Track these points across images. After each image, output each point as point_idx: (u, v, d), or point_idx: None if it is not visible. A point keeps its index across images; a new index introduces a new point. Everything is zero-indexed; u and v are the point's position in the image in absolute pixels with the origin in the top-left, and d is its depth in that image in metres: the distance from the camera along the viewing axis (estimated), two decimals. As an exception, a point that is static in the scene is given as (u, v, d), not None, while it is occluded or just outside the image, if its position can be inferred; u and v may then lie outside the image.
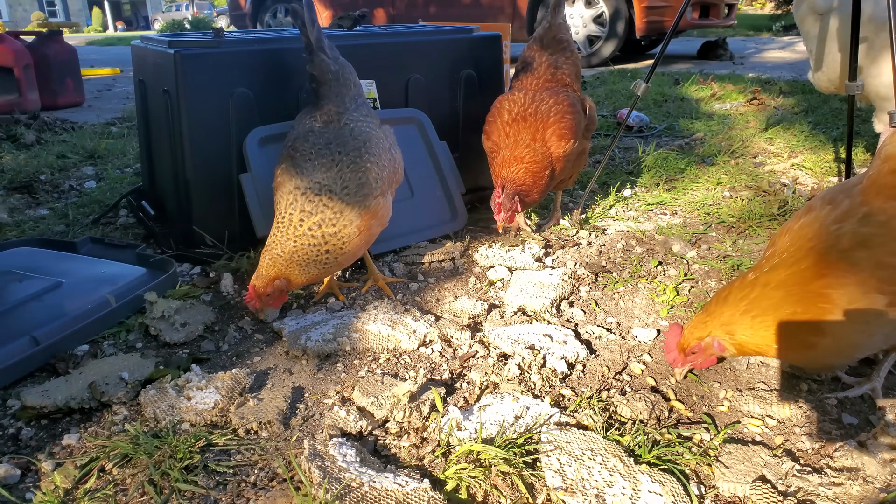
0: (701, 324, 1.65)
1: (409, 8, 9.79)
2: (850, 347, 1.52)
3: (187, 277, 2.51)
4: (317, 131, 2.14)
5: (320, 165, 2.04)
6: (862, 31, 2.88)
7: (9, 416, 1.69)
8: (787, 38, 12.89)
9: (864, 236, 1.46)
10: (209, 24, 24.01)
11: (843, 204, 1.53)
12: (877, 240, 1.45)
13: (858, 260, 1.45)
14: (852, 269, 1.45)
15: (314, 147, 2.08)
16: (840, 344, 1.50)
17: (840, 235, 1.48)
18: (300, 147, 2.10)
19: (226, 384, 1.75)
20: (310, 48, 2.25)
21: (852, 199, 1.53)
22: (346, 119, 2.18)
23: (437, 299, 2.32)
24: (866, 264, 1.44)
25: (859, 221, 1.48)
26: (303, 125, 2.19)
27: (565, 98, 2.66)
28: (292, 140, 2.15)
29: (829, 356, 1.55)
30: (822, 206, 1.57)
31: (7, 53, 5.88)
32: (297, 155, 2.08)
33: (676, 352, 1.69)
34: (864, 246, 1.46)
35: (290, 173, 2.05)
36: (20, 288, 2.24)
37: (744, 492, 1.39)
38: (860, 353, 1.57)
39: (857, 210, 1.50)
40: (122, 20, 50.42)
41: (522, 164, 2.55)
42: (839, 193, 1.58)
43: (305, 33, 2.26)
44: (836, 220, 1.51)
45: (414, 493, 1.35)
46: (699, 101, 5.81)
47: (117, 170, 4.07)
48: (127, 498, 1.40)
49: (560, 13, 2.87)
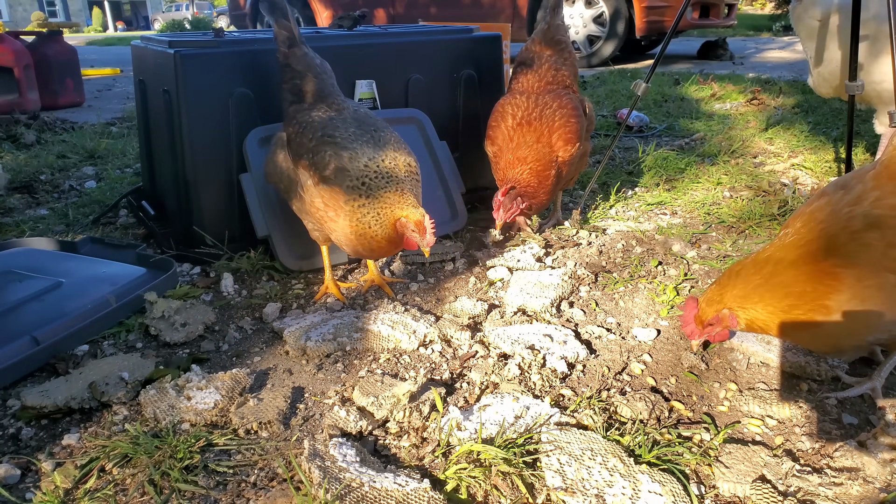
0: (717, 296, 1.66)
1: (409, 8, 9.79)
2: (858, 328, 1.53)
3: (187, 277, 2.51)
4: (338, 118, 2.12)
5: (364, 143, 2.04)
6: (862, 32, 2.88)
7: (9, 416, 1.69)
8: (787, 38, 12.89)
9: (875, 218, 1.49)
10: (209, 24, 24.00)
11: (856, 188, 1.56)
12: (889, 221, 1.48)
13: (870, 241, 1.48)
14: (863, 250, 1.48)
15: (347, 130, 2.07)
16: (848, 324, 1.51)
17: (852, 217, 1.51)
18: (336, 133, 2.06)
19: (226, 384, 1.75)
20: (292, 41, 2.23)
21: (864, 184, 1.56)
22: (353, 105, 2.20)
23: (438, 299, 2.32)
24: (878, 244, 1.47)
25: (871, 204, 1.51)
26: (311, 116, 2.14)
27: (569, 101, 2.66)
28: (321, 129, 2.08)
29: (837, 336, 1.56)
30: (836, 190, 1.60)
31: (7, 53, 5.88)
32: (337, 138, 2.04)
33: (694, 324, 1.70)
34: (875, 227, 1.48)
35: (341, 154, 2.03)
36: (20, 288, 2.24)
37: (744, 492, 1.39)
38: (869, 334, 1.57)
39: (870, 194, 1.53)
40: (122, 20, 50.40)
41: (526, 164, 2.54)
42: (852, 179, 1.61)
43: (289, 26, 2.23)
44: (848, 203, 1.54)
45: (414, 493, 1.35)
46: (699, 101, 5.81)
47: (117, 170, 4.07)
48: (127, 498, 1.40)
49: (559, 14, 2.86)
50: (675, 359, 1.92)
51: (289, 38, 2.23)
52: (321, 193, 2.04)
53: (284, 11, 2.23)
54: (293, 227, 2.45)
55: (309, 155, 2.08)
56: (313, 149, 2.07)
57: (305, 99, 2.21)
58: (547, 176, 2.57)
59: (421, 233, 1.94)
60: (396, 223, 1.96)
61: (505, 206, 2.50)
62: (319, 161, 2.04)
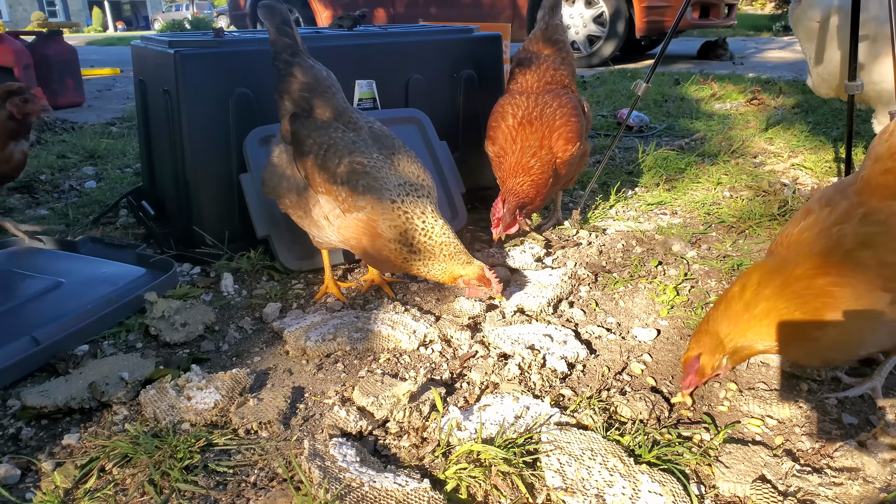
0: (712, 350, 1.60)
1: (409, 8, 9.79)
2: (852, 343, 1.53)
3: (187, 277, 2.51)
4: (359, 139, 2.08)
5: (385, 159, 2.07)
6: (861, 33, 2.88)
7: (9, 416, 1.69)
8: (787, 38, 12.88)
9: (866, 236, 1.49)
10: (209, 24, 23.99)
11: (841, 205, 1.55)
12: (878, 238, 1.48)
13: (863, 259, 1.47)
14: (857, 268, 1.47)
15: (371, 156, 2.05)
16: (843, 339, 1.51)
17: (843, 235, 1.50)
18: (365, 161, 2.02)
19: (226, 384, 1.74)
20: (295, 50, 2.11)
21: (849, 200, 1.55)
22: (364, 120, 2.17)
23: (438, 299, 2.32)
24: (871, 263, 1.47)
25: (860, 222, 1.50)
26: (331, 137, 2.06)
27: (568, 101, 2.66)
28: (348, 154, 2.02)
29: (831, 351, 1.56)
30: (821, 208, 1.59)
31: (7, 53, 5.88)
32: (368, 167, 2.01)
33: (698, 380, 1.64)
34: (867, 245, 1.48)
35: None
36: (20, 288, 2.24)
37: (744, 492, 1.39)
38: (863, 349, 1.57)
39: (855, 211, 1.52)
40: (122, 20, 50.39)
41: (529, 176, 2.52)
42: (835, 195, 1.60)
43: (292, 34, 2.10)
44: (836, 221, 1.53)
45: (414, 493, 1.35)
46: (699, 101, 5.81)
47: (117, 170, 4.07)
48: (127, 498, 1.40)
49: (557, 13, 2.86)
50: (675, 359, 1.92)
51: (291, 45, 2.11)
52: (356, 222, 2.03)
53: (286, 18, 2.11)
54: (293, 228, 2.44)
55: (338, 181, 2.00)
56: (345, 178, 1.99)
57: (315, 113, 2.11)
58: (545, 184, 2.57)
59: (487, 285, 2.03)
60: (458, 280, 2.04)
61: (504, 222, 2.50)
62: (353, 190, 1.99)
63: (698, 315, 2.15)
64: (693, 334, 1.65)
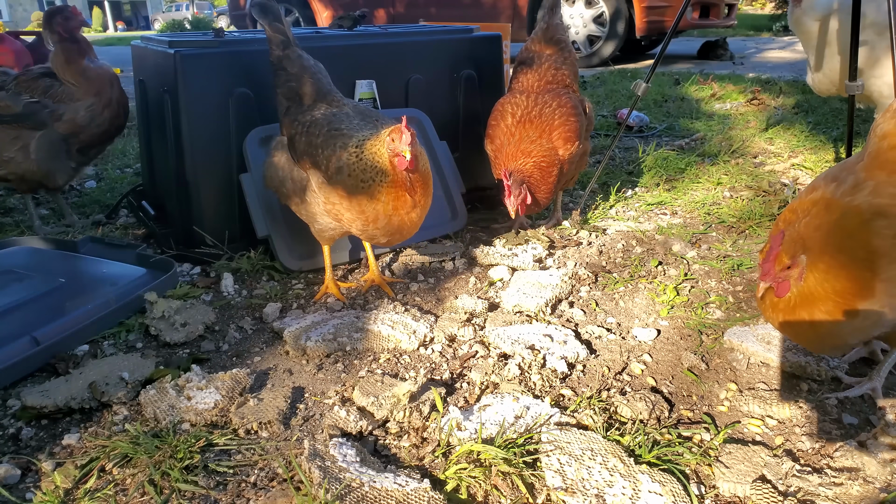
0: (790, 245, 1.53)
1: (409, 8, 9.79)
2: (869, 323, 1.50)
3: (187, 277, 2.51)
4: (341, 113, 2.13)
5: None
6: (862, 36, 2.88)
7: (9, 416, 1.69)
8: (787, 38, 12.88)
9: (880, 206, 1.47)
10: (209, 24, 23.99)
11: (848, 180, 1.54)
12: (891, 210, 1.47)
13: (880, 229, 1.46)
14: (877, 240, 1.45)
15: (352, 122, 2.07)
16: (861, 319, 1.48)
17: (857, 205, 1.49)
18: (342, 126, 2.07)
19: (226, 384, 1.75)
20: (287, 44, 2.22)
21: (856, 175, 1.54)
22: (351, 102, 2.21)
23: (438, 299, 2.32)
24: (887, 233, 1.45)
25: (871, 193, 1.49)
26: (313, 115, 2.14)
27: (568, 100, 2.66)
28: (327, 124, 2.07)
29: (846, 334, 1.53)
30: (828, 183, 1.58)
31: (7, 53, 5.87)
32: (344, 129, 2.04)
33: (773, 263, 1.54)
34: (882, 215, 1.46)
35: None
36: (20, 288, 2.24)
37: (744, 492, 1.39)
38: (875, 329, 1.53)
39: (865, 184, 1.51)
40: (122, 20, 50.37)
41: (531, 157, 2.53)
42: (841, 171, 1.59)
43: (283, 29, 2.21)
44: (845, 193, 1.52)
45: (414, 493, 1.35)
46: (699, 101, 5.81)
47: (117, 170, 4.07)
48: (127, 498, 1.40)
49: (557, 13, 2.87)
50: (675, 359, 1.92)
51: (283, 41, 2.22)
52: (335, 188, 2.03)
53: (277, 14, 2.23)
54: (293, 227, 2.45)
55: (318, 150, 2.05)
56: (322, 143, 2.05)
57: (304, 100, 2.21)
58: (550, 172, 2.56)
59: (398, 134, 1.86)
60: (392, 160, 1.90)
61: (514, 192, 2.46)
62: (331, 154, 2.01)
63: (698, 315, 2.15)
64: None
